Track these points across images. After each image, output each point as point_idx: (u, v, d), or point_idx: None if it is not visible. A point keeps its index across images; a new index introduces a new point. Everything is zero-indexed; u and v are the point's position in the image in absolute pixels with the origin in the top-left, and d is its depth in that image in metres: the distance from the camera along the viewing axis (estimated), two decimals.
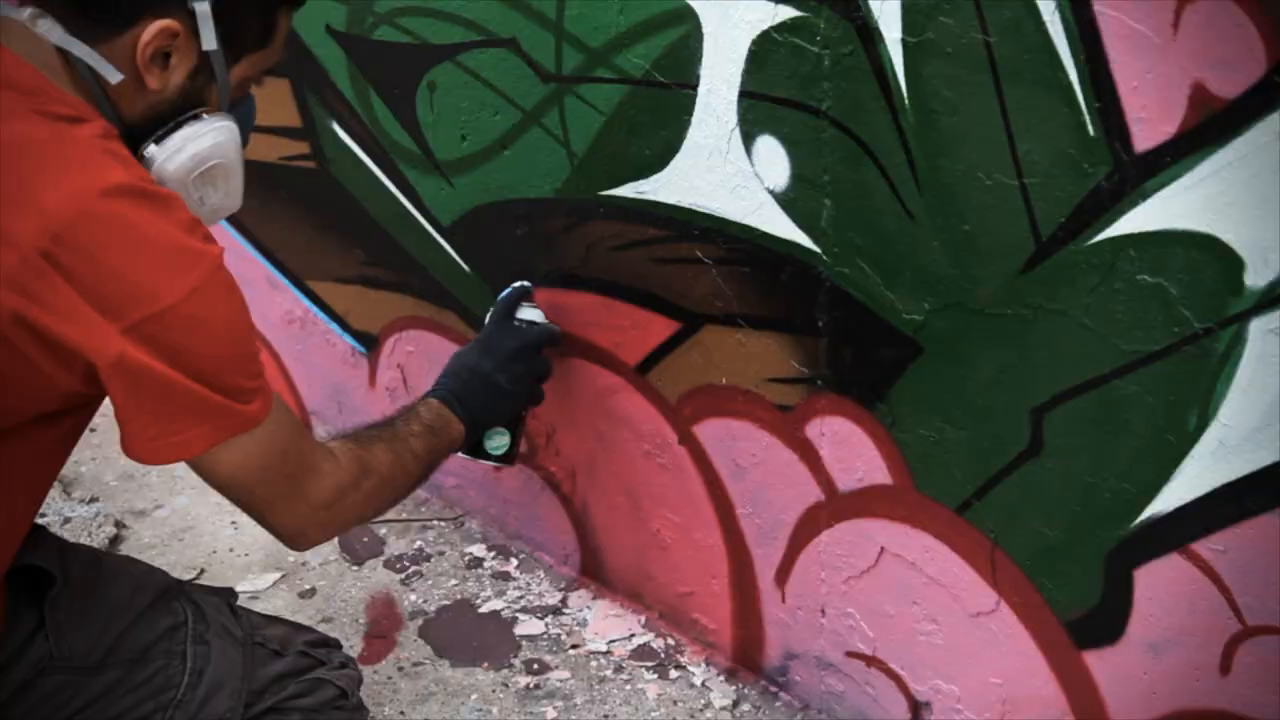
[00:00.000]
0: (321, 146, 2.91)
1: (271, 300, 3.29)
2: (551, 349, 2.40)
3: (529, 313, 2.38)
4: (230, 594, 2.01)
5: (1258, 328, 1.63)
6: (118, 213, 1.53)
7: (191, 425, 1.62)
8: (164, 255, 1.56)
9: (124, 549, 3.03)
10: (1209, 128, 1.59)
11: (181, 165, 1.71)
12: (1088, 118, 1.69)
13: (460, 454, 2.27)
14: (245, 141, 1.88)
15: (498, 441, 2.35)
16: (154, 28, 1.63)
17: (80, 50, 1.63)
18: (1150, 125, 1.64)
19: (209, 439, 1.64)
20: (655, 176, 2.24)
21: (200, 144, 1.72)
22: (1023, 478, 1.94)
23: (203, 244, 1.61)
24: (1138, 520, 1.83)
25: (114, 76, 1.64)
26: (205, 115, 1.74)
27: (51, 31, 1.63)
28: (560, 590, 2.81)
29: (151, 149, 1.70)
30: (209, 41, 1.68)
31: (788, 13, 1.96)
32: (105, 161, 1.56)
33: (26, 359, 1.52)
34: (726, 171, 2.13)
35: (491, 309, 2.39)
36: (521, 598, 2.80)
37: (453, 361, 2.29)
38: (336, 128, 2.85)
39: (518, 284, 2.43)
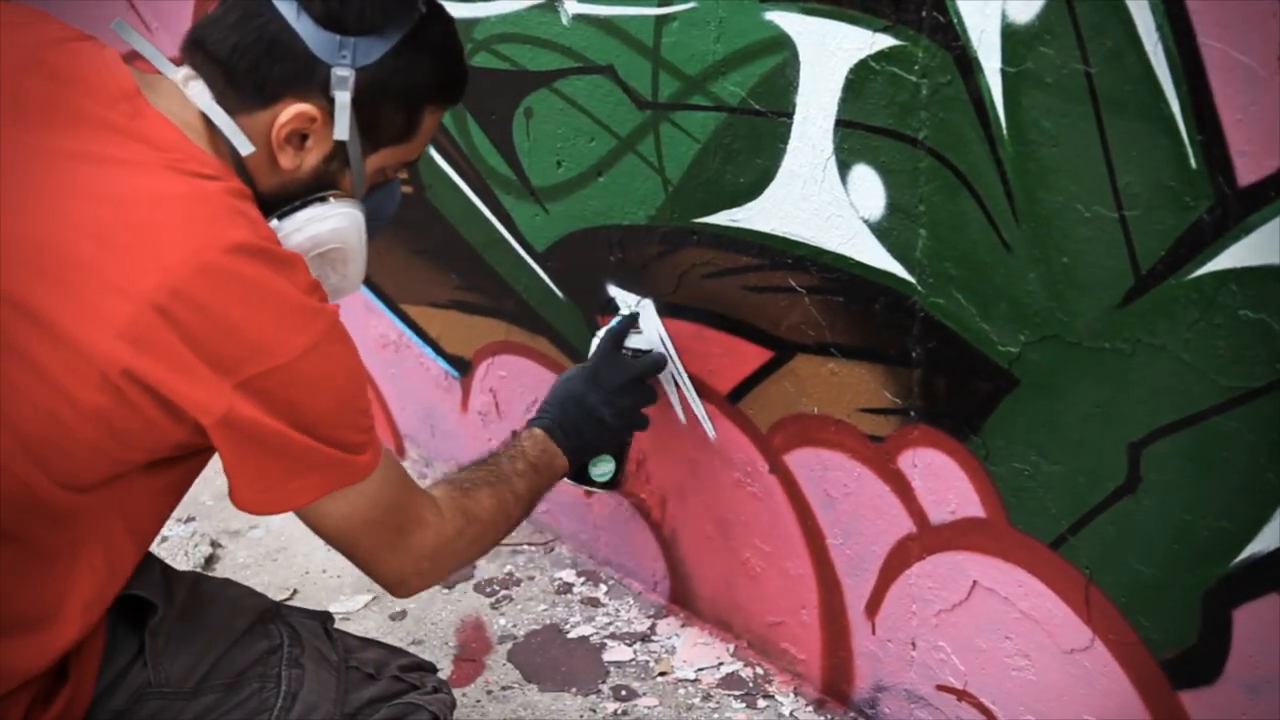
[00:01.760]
0: (419, 171, 2.93)
1: (366, 324, 3.31)
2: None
3: (637, 341, 2.38)
4: (327, 617, 2.02)
5: None
6: (238, 270, 1.53)
7: (299, 476, 1.63)
8: (281, 312, 1.56)
9: (219, 568, 3.06)
10: None
11: (299, 245, 1.72)
12: (1189, 150, 1.66)
13: (565, 481, 2.27)
14: (380, 227, 1.90)
15: (603, 469, 2.35)
16: (292, 110, 1.67)
17: (219, 118, 1.66)
18: (1253, 159, 1.62)
19: (317, 490, 1.65)
20: (749, 204, 2.24)
21: (320, 226, 1.75)
22: (1119, 514, 1.91)
23: (319, 303, 1.62)
24: (1237, 559, 1.79)
25: (245, 148, 1.67)
26: (332, 199, 1.75)
27: (200, 96, 1.67)
28: (649, 617, 2.81)
29: (274, 224, 1.71)
30: (342, 132, 1.69)
31: (885, 41, 1.95)
32: (232, 219, 1.57)
33: (137, 410, 1.53)
34: (821, 200, 2.12)
35: (599, 337, 2.38)
36: (610, 624, 2.80)
37: (559, 389, 2.28)
38: (434, 153, 2.87)
39: (626, 312, 2.43)
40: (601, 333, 2.38)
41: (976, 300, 1.97)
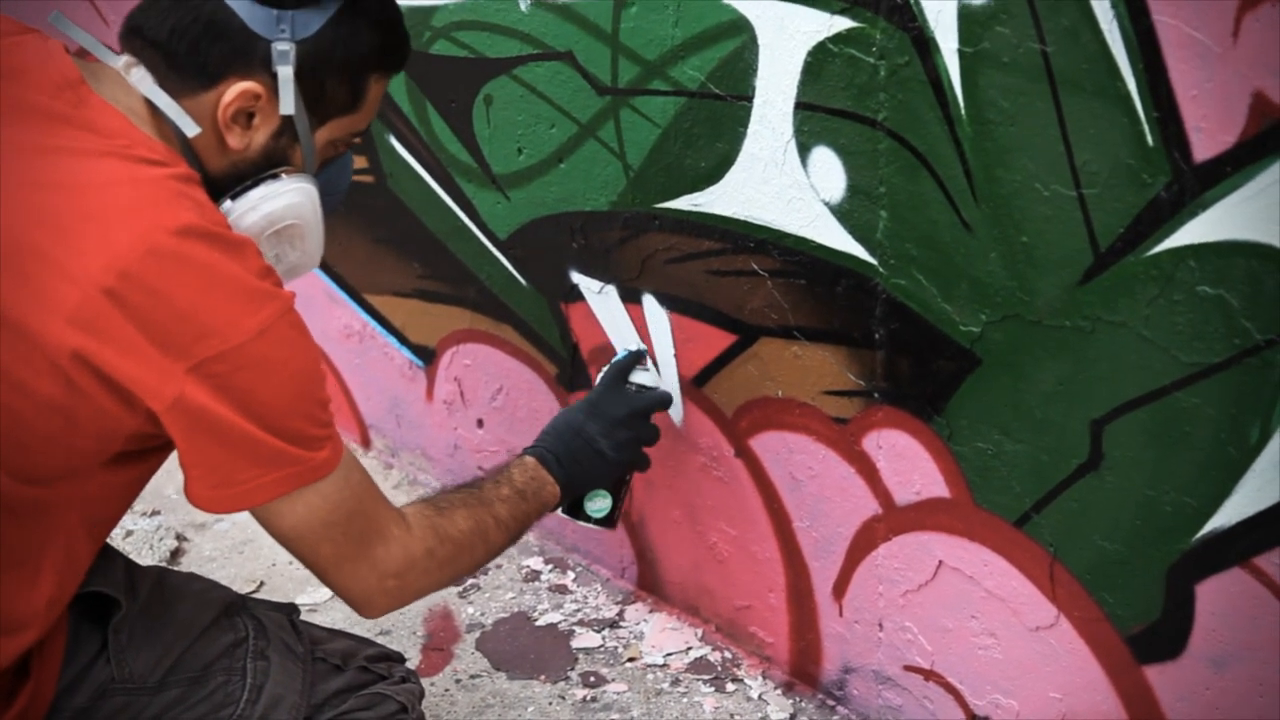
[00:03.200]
0: (379, 160, 2.93)
1: (330, 314, 3.30)
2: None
3: (642, 376, 2.35)
4: (292, 609, 2.01)
5: None
6: (187, 252, 1.52)
7: (255, 474, 1.60)
8: (232, 295, 1.55)
9: (184, 562, 3.05)
10: (1269, 137, 1.57)
11: (254, 223, 1.72)
12: (1146, 127, 1.67)
13: (559, 513, 2.24)
14: (337, 201, 1.90)
15: (599, 504, 2.30)
16: (236, 89, 1.66)
17: (163, 102, 1.65)
18: (1210, 135, 1.62)
19: (274, 489, 1.62)
20: (711, 189, 2.24)
21: (275, 204, 1.74)
22: (1082, 491, 1.92)
23: (273, 287, 1.61)
24: (1199, 534, 1.80)
25: (191, 129, 1.66)
26: (284, 175, 1.75)
27: (142, 82, 1.66)
28: (617, 603, 2.81)
29: (227, 204, 1.71)
30: (287, 106, 1.69)
31: (843, 24, 1.95)
32: (179, 203, 1.56)
33: (89, 398, 1.52)
34: (782, 183, 2.12)
35: (604, 370, 2.36)
36: (578, 610, 2.80)
37: (558, 418, 2.25)
38: (394, 142, 2.86)
39: (633, 348, 2.42)
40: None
41: (938, 281, 1.98)
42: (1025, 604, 2.05)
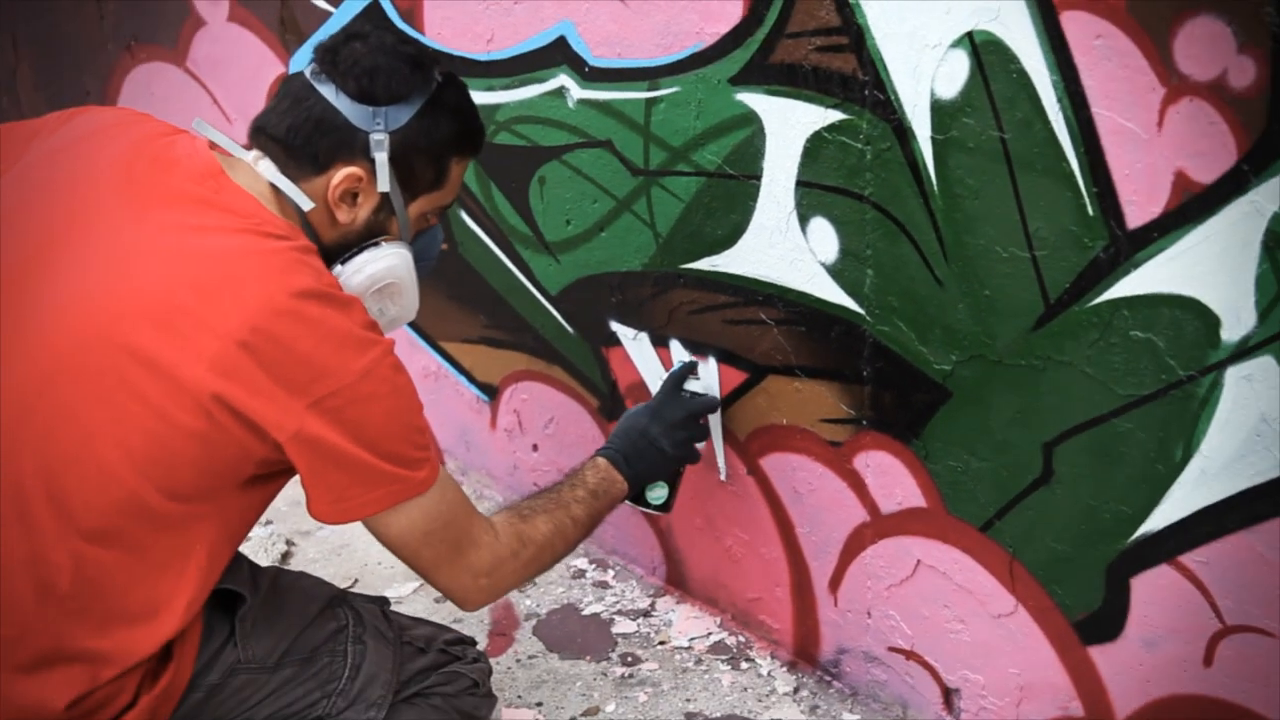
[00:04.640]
0: (452, 231, 2.95)
1: (410, 358, 3.30)
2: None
3: (695, 384, 2.36)
4: (384, 601, 2.02)
5: (1232, 375, 1.62)
6: (304, 310, 1.58)
7: (364, 490, 1.64)
8: (341, 342, 1.60)
9: (293, 562, 3.06)
10: (1189, 208, 1.59)
11: (360, 283, 1.77)
12: (1087, 200, 1.68)
13: (625, 502, 2.23)
14: (430, 265, 1.94)
15: (657, 493, 2.29)
16: (342, 173, 1.71)
17: (285, 185, 1.71)
18: (1140, 206, 1.64)
19: (381, 503, 1.66)
20: (726, 252, 2.25)
21: (376, 266, 1.78)
22: (1036, 501, 1.93)
23: (376, 335, 1.65)
24: (1133, 537, 1.81)
25: (306, 205, 1.71)
26: (383, 243, 1.79)
27: (267, 170, 1.71)
28: (650, 596, 2.80)
29: (337, 269, 1.76)
30: (384, 184, 1.74)
31: (835, 115, 1.97)
32: (301, 270, 1.62)
33: (226, 430, 1.56)
34: (785, 247, 2.14)
35: (663, 379, 2.37)
36: (617, 602, 2.80)
37: (624, 421, 2.25)
38: (465, 216, 2.88)
39: (686, 359, 2.43)
40: (664, 376, 2.37)
41: (915, 327, 1.99)
42: (989, 595, 2.06)
